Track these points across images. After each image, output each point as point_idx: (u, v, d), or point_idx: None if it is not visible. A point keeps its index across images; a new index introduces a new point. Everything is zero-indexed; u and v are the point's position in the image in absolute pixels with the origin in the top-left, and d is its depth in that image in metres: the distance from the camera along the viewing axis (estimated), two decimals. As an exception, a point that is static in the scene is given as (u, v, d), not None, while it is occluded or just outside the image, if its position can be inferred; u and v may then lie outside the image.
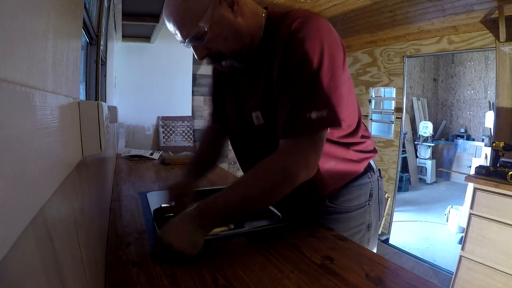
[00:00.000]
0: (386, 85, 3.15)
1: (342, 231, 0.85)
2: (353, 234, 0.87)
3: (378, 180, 0.92)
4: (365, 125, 0.91)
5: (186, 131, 2.74)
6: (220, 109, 0.98)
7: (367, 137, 0.90)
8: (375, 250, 0.95)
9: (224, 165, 3.02)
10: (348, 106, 0.76)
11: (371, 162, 0.92)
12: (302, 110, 0.66)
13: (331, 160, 0.80)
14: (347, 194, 0.86)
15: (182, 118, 2.75)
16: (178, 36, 0.71)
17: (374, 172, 0.91)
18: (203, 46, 0.71)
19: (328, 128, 0.70)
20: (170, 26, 0.71)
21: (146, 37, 2.44)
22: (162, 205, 0.88)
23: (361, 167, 0.87)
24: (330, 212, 0.87)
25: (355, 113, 0.84)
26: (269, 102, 0.74)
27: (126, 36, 2.37)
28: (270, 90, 0.73)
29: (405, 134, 5.20)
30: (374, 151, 0.93)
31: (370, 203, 0.89)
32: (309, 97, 0.66)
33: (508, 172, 1.71)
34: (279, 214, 1.00)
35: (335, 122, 0.67)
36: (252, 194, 0.68)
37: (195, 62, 2.86)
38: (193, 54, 0.74)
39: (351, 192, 0.86)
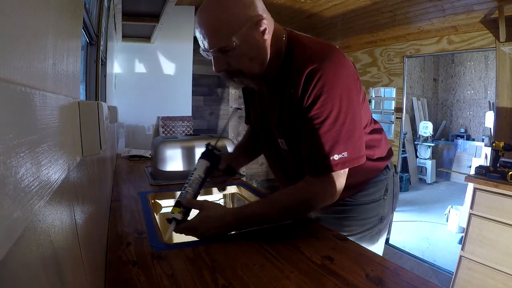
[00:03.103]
0: (386, 85, 3.15)
1: (356, 220, 0.92)
2: (365, 224, 0.93)
3: (393, 176, 0.97)
4: (380, 131, 0.95)
5: (186, 131, 2.74)
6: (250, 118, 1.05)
7: (382, 144, 0.95)
8: (383, 242, 1.00)
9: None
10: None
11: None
12: (325, 154, 0.73)
13: (352, 176, 0.84)
14: (364, 190, 0.92)
15: (182, 118, 2.75)
16: (205, 43, 0.73)
17: (389, 169, 0.96)
18: (224, 59, 0.74)
19: (354, 164, 0.76)
20: (200, 32, 0.73)
21: (146, 37, 2.44)
22: (215, 149, 0.92)
23: (379, 172, 0.94)
24: (347, 205, 0.93)
25: (369, 128, 0.90)
26: (291, 132, 0.81)
27: (126, 36, 2.37)
28: (290, 123, 0.80)
29: (405, 134, 5.20)
30: (388, 156, 0.97)
31: (385, 198, 0.94)
32: (331, 142, 0.73)
33: (508, 172, 1.71)
34: None
35: (356, 160, 0.75)
36: (283, 216, 0.82)
37: (195, 62, 2.86)
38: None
39: (368, 188, 0.92)
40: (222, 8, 0.70)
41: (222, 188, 1.06)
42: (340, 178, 0.77)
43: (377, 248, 0.95)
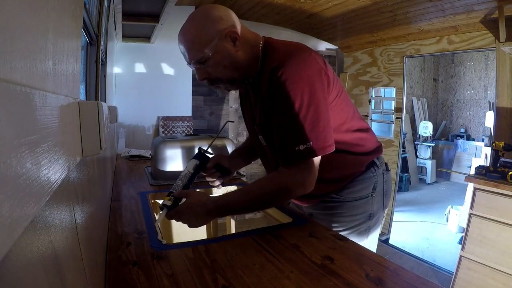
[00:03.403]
0: (386, 85, 3.15)
1: (344, 217, 0.96)
2: (354, 220, 0.96)
3: (383, 174, 1.00)
4: (364, 124, 0.98)
5: (186, 131, 2.74)
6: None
7: (368, 139, 0.98)
8: (376, 238, 1.02)
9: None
10: (336, 120, 0.88)
11: (375, 159, 0.98)
12: (291, 145, 0.80)
13: (334, 169, 0.93)
14: (351, 187, 0.95)
15: (182, 118, 2.75)
16: (186, 57, 0.85)
17: (378, 167, 0.98)
18: (204, 69, 0.85)
19: (322, 154, 0.81)
20: (181, 48, 0.85)
21: (146, 37, 2.44)
22: (206, 152, 1.04)
23: (362, 167, 0.96)
24: (335, 201, 0.97)
25: (350, 123, 0.93)
26: (267, 128, 0.89)
27: (126, 36, 2.37)
28: (266, 121, 0.88)
29: (405, 134, 5.20)
30: (376, 151, 0.99)
31: (373, 195, 0.97)
32: (295, 133, 0.79)
33: (508, 172, 1.71)
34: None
35: (321, 150, 0.80)
36: (259, 204, 0.86)
37: (195, 62, 2.86)
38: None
39: (355, 185, 0.95)
40: (195, 26, 0.82)
41: (217, 186, 1.13)
42: (310, 168, 0.81)
43: (368, 244, 0.96)
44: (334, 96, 0.87)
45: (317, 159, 0.82)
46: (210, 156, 1.05)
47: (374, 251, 0.94)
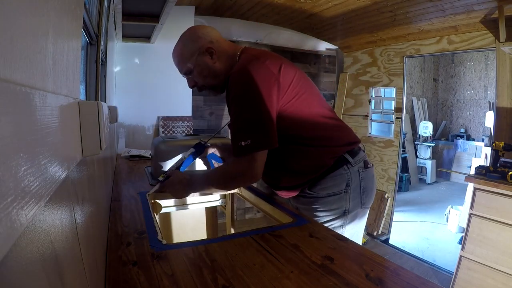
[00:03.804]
0: (386, 85, 3.15)
1: (320, 211, 1.03)
2: (328, 215, 1.03)
3: (359, 171, 1.04)
4: (332, 121, 1.07)
5: (186, 131, 2.74)
6: None
7: (331, 135, 1.05)
8: (357, 236, 1.06)
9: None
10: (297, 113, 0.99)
11: (346, 156, 1.04)
12: (235, 140, 0.93)
13: (295, 161, 1.04)
14: (322, 184, 1.02)
15: (182, 118, 2.75)
16: (178, 70, 1.08)
17: (352, 165, 1.03)
18: (191, 79, 1.07)
19: (263, 150, 0.93)
20: (174, 63, 1.08)
21: (146, 37, 2.44)
22: (206, 144, 1.25)
23: (327, 161, 1.03)
24: (309, 197, 1.05)
25: (312, 118, 1.02)
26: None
27: (126, 36, 2.37)
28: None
29: (405, 134, 5.20)
30: (344, 145, 1.05)
31: (347, 191, 1.02)
32: (237, 131, 0.93)
33: (508, 172, 1.71)
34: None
35: (260, 145, 0.91)
36: (215, 186, 1.04)
37: (195, 62, 2.86)
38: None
39: (326, 182, 1.02)
40: (180, 45, 1.04)
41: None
42: (251, 161, 0.93)
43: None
44: (290, 98, 0.97)
45: (260, 154, 0.93)
46: (208, 145, 1.25)
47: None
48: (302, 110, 1.01)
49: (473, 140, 5.53)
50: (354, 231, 1.05)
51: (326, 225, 1.00)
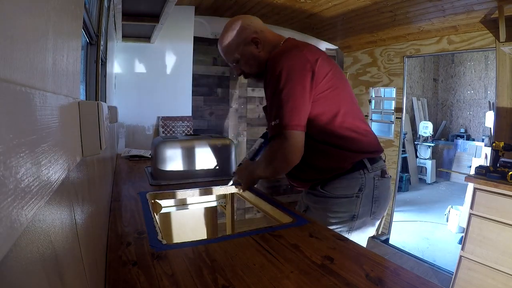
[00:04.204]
0: (386, 85, 3.15)
1: (328, 212, 1.03)
2: (336, 217, 1.02)
3: (375, 178, 1.03)
4: (360, 125, 1.05)
5: (186, 131, 2.74)
6: None
7: (357, 138, 1.04)
8: (361, 243, 0.98)
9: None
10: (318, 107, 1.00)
11: (366, 161, 1.02)
12: (268, 120, 1.01)
13: (317, 157, 1.05)
14: (336, 184, 1.03)
15: (182, 118, 2.75)
16: (225, 59, 1.16)
17: (369, 171, 1.02)
18: (238, 67, 1.14)
19: (291, 130, 0.95)
20: (221, 53, 1.15)
21: (146, 37, 2.44)
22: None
23: (346, 164, 1.02)
24: (320, 196, 1.06)
25: (341, 116, 1.02)
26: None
27: (126, 36, 2.37)
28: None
29: (405, 134, 5.20)
30: (365, 152, 1.03)
31: (358, 196, 1.01)
32: (270, 112, 0.99)
33: (508, 172, 1.71)
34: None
35: (288, 127, 0.94)
36: (265, 168, 1.06)
37: (195, 62, 2.86)
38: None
39: (340, 182, 1.02)
40: (226, 37, 1.10)
41: None
42: (286, 139, 0.95)
43: None
44: (325, 89, 0.99)
45: (291, 134, 0.95)
46: None
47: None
48: (333, 103, 1.02)
49: (473, 140, 5.53)
50: (359, 238, 1.02)
51: (332, 227, 0.99)
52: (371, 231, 1.07)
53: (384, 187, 1.05)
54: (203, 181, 1.42)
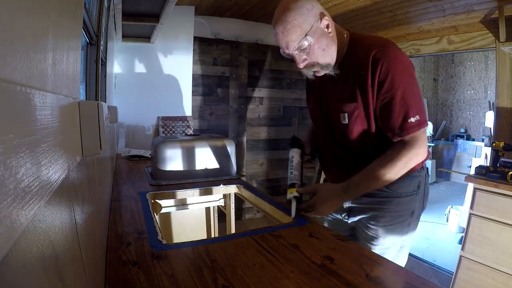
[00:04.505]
0: (386, 85, 3.14)
1: (391, 212, 1.00)
2: (399, 216, 1.00)
3: (425, 176, 1.06)
4: None
5: (186, 131, 2.74)
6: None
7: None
8: (413, 234, 1.04)
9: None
10: None
11: None
12: (403, 118, 0.88)
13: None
14: (400, 182, 0.98)
15: (182, 118, 2.75)
16: (288, 47, 0.89)
17: (423, 169, 1.04)
18: (303, 56, 0.91)
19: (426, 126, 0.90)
20: (280, 38, 0.89)
21: (146, 37, 2.44)
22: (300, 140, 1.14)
23: (418, 166, 1.02)
24: (384, 196, 1.01)
25: None
26: (353, 108, 0.95)
27: (126, 36, 2.37)
28: (355, 99, 0.94)
29: (405, 134, 5.18)
30: (428, 153, 1.04)
31: (417, 193, 1.02)
32: (405, 108, 0.87)
33: (508, 172, 1.71)
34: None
35: (425, 123, 0.89)
36: (386, 180, 0.92)
37: (195, 62, 2.86)
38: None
39: (404, 181, 0.98)
40: (293, 16, 0.86)
41: (311, 171, 1.20)
42: (422, 137, 0.90)
43: (407, 240, 1.02)
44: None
45: (424, 133, 0.91)
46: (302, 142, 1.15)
47: (408, 248, 1.03)
48: None
49: (473, 140, 5.53)
50: (413, 233, 1.04)
51: (393, 226, 0.99)
52: (418, 222, 1.07)
53: (428, 183, 1.08)
54: (203, 181, 1.42)
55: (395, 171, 0.91)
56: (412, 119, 0.87)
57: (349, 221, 1.07)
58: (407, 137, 0.89)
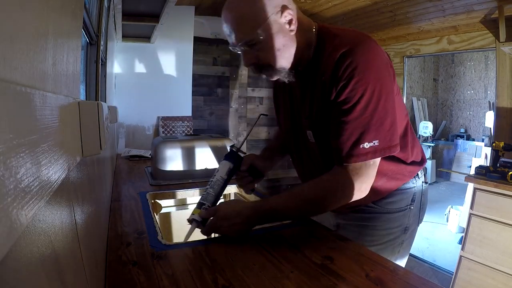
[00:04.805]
0: (386, 85, 3.14)
1: (379, 230, 0.88)
2: (388, 234, 0.88)
3: (422, 185, 0.92)
4: (413, 133, 0.91)
5: (186, 131, 2.74)
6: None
7: (416, 146, 0.90)
8: (407, 253, 0.93)
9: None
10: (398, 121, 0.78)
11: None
12: (354, 141, 0.70)
13: (383, 177, 0.83)
14: (390, 197, 0.86)
15: (182, 118, 2.75)
16: (232, 38, 0.73)
17: (419, 177, 0.91)
18: (253, 53, 0.74)
19: (393, 152, 0.74)
20: (226, 27, 0.73)
21: (146, 37, 2.44)
22: (239, 151, 0.93)
23: (409, 178, 0.89)
24: (371, 212, 0.88)
25: (402, 125, 0.84)
26: (320, 123, 0.78)
27: (126, 36, 2.37)
28: (321, 113, 0.77)
29: (405, 134, 5.18)
30: (422, 162, 0.92)
31: (411, 208, 0.89)
32: (360, 129, 0.70)
33: (508, 172, 1.71)
34: None
35: (387, 150, 0.72)
36: (305, 209, 0.78)
37: (195, 62, 2.86)
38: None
39: (395, 195, 0.87)
40: (246, 2, 0.71)
41: (249, 190, 1.03)
42: (370, 169, 0.73)
43: (398, 259, 0.90)
44: (396, 92, 0.77)
45: (377, 162, 0.74)
46: (243, 156, 0.94)
47: (403, 265, 0.90)
48: (400, 108, 0.82)
49: (473, 140, 5.53)
50: (408, 249, 0.93)
51: (383, 245, 0.87)
52: (414, 236, 0.96)
53: (427, 193, 0.94)
54: (203, 181, 1.42)
55: (322, 205, 0.76)
56: (366, 145, 0.70)
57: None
58: (352, 165, 0.72)
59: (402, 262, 0.92)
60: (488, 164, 1.93)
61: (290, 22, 0.73)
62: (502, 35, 2.08)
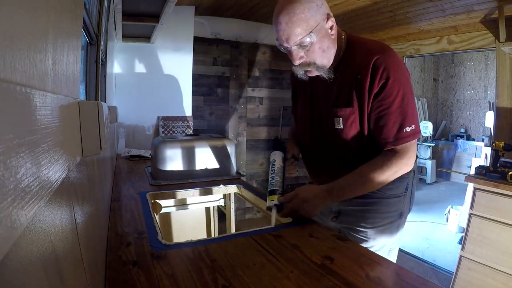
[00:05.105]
0: (386, 85, 3.14)
1: (380, 213, 1.00)
2: (387, 217, 1.00)
3: (412, 177, 1.06)
4: None
5: (186, 131, 2.74)
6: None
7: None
8: (401, 236, 1.05)
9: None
10: None
11: None
12: (398, 127, 0.87)
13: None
14: (389, 184, 0.97)
15: (182, 118, 2.75)
16: (288, 41, 0.85)
17: (410, 171, 1.02)
18: (301, 53, 0.88)
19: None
20: (282, 28, 0.84)
21: (146, 37, 2.44)
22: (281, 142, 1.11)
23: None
24: (373, 197, 1.00)
25: None
26: (348, 113, 0.93)
27: (126, 36, 2.37)
28: (351, 104, 0.92)
29: (405, 134, 5.18)
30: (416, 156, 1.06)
31: (405, 195, 1.03)
32: (401, 117, 0.87)
33: (508, 172, 1.71)
34: None
35: (419, 134, 0.90)
36: (369, 186, 0.91)
37: (195, 62, 2.86)
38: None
39: (393, 182, 0.98)
40: (301, 9, 0.82)
41: (294, 171, 1.17)
42: (413, 148, 0.90)
43: (395, 243, 1.02)
44: None
45: (415, 142, 0.91)
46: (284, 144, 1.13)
47: (397, 251, 1.04)
48: None
49: (473, 140, 5.53)
50: (402, 233, 1.05)
51: (383, 227, 0.99)
52: (404, 223, 1.08)
53: (415, 185, 1.08)
54: (203, 181, 1.42)
55: (382, 179, 0.91)
56: (408, 129, 0.87)
57: (338, 225, 1.05)
58: (400, 146, 0.89)
59: (397, 247, 1.05)
60: (488, 164, 1.93)
61: (331, 28, 0.88)
62: (502, 35, 2.08)
